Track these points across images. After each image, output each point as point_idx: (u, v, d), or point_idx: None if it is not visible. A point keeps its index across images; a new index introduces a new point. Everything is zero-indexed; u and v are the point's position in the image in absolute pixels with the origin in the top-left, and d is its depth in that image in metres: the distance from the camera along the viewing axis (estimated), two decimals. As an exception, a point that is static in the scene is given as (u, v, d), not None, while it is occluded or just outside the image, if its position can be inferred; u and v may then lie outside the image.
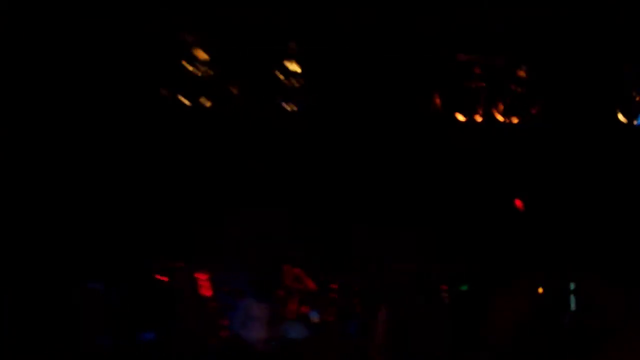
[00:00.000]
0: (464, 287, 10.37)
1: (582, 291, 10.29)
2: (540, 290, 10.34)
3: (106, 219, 10.18)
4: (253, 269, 10.21)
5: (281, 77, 10.10)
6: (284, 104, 10.17)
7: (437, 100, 10.33)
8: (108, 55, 9.96)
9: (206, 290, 10.08)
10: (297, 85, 10.12)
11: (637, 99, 10.25)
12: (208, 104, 10.05)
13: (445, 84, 10.29)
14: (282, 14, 9.60)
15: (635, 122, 10.30)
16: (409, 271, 10.42)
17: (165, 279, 9.99)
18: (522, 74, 10.23)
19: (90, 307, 9.74)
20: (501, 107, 10.31)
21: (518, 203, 10.61)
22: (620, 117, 10.29)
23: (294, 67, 10.16)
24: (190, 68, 10.03)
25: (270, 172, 10.63)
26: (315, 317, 10.06)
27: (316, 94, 10.22)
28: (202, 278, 10.08)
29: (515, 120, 10.32)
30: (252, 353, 9.36)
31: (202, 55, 10.07)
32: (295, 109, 10.16)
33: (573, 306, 10.28)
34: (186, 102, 10.07)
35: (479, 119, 10.31)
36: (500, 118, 10.32)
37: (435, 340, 9.88)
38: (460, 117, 10.32)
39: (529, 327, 10.01)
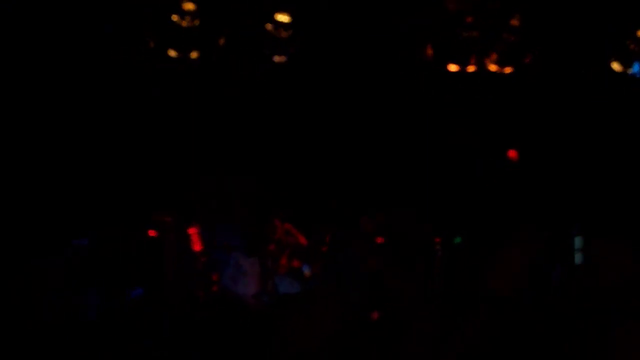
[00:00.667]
0: (458, 240, 10.19)
1: (585, 246, 10.08)
2: (539, 244, 10.13)
3: (91, 172, 9.96)
4: (243, 224, 10.02)
5: (269, 27, 9.89)
6: (272, 55, 9.97)
7: (429, 51, 10.17)
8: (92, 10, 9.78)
9: (196, 245, 9.86)
10: (285, 36, 9.92)
11: (632, 47, 10.11)
12: (195, 55, 9.84)
13: (436, 34, 10.12)
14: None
15: (629, 71, 10.17)
16: (401, 224, 10.23)
17: (153, 233, 9.77)
18: (515, 22, 10.06)
19: (76, 264, 9.53)
20: (494, 56, 10.15)
21: (512, 154, 10.44)
22: (615, 65, 10.15)
23: (282, 17, 9.96)
24: (177, 19, 9.82)
25: (260, 127, 10.43)
26: (307, 271, 9.88)
27: (305, 45, 10.03)
28: (192, 232, 9.86)
29: (508, 70, 10.16)
30: (242, 308, 9.22)
31: (188, 6, 9.86)
32: (283, 60, 9.96)
33: (576, 261, 10.05)
34: (173, 53, 9.87)
35: (471, 69, 10.15)
36: (493, 68, 10.15)
37: (427, 293, 9.72)
38: (453, 68, 10.15)
39: (528, 281, 9.83)
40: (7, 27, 9.44)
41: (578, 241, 9.86)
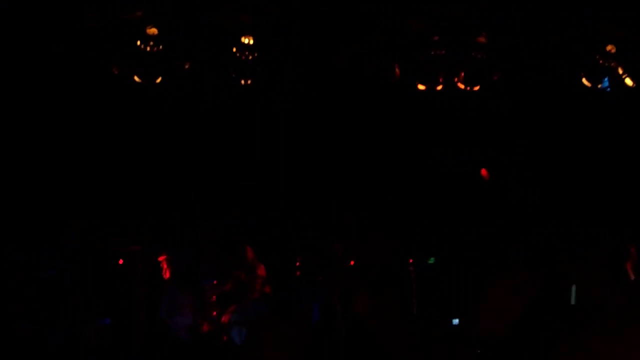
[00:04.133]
0: (431, 261, 10.08)
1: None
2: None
3: (56, 200, 9.85)
4: (211, 250, 9.93)
5: (234, 50, 9.79)
6: (238, 78, 9.86)
7: (397, 71, 10.06)
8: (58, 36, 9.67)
9: (165, 273, 9.75)
10: (251, 58, 9.82)
11: (601, 62, 10.02)
12: (158, 79, 9.73)
13: (404, 53, 10.02)
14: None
15: (599, 86, 10.08)
16: (375, 246, 10.13)
17: (120, 261, 9.66)
18: (482, 39, 9.97)
19: (43, 295, 9.41)
20: (462, 74, 10.05)
21: (483, 172, 10.36)
22: (584, 81, 10.06)
23: (248, 40, 9.86)
24: (140, 44, 9.71)
25: (227, 149, 10.34)
26: (279, 297, 9.74)
27: (271, 67, 9.93)
28: (161, 260, 9.75)
29: (476, 88, 10.06)
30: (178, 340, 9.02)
31: (152, 30, 9.75)
32: (249, 82, 9.85)
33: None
34: (137, 79, 9.76)
35: (439, 87, 10.05)
36: (461, 86, 10.06)
37: (401, 316, 9.58)
38: (421, 87, 10.05)
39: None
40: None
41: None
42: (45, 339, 9.18)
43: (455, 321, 9.44)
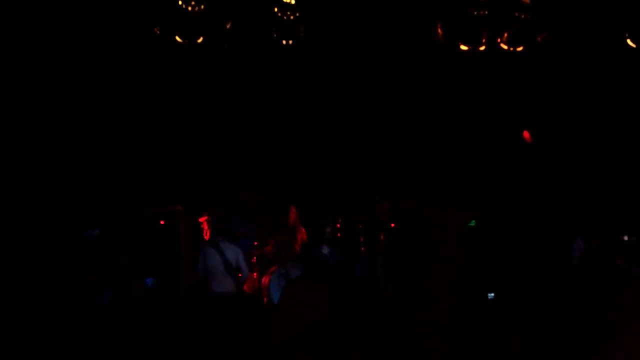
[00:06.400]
0: (472, 224, 10.02)
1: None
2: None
3: (101, 163, 9.88)
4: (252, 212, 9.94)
5: (276, 10, 9.70)
6: (279, 39, 9.79)
7: (440, 30, 9.95)
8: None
9: (204, 234, 9.77)
10: (292, 18, 9.73)
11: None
12: (200, 39, 9.67)
13: (447, 12, 9.89)
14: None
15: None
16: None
17: (162, 222, 9.71)
18: (526, 0, 9.82)
19: (87, 254, 9.46)
20: (505, 35, 9.92)
21: (526, 134, 10.27)
22: (629, 42, 9.90)
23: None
24: (182, 4, 9.64)
25: (268, 112, 10.30)
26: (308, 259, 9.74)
27: (313, 27, 9.84)
28: (202, 221, 9.77)
29: (520, 49, 9.93)
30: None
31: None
32: (290, 42, 9.77)
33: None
34: (179, 39, 9.70)
35: (482, 48, 9.92)
36: (504, 47, 9.93)
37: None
38: (464, 47, 9.93)
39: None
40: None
41: None
42: (94, 299, 9.25)
43: (491, 295, 9.32)
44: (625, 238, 9.92)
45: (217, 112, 10.36)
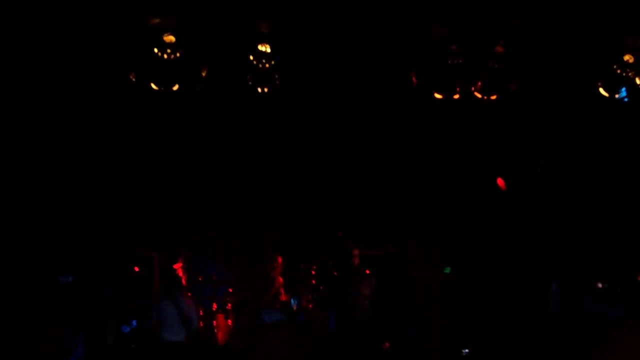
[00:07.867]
0: (447, 270, 10.11)
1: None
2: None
3: (76, 209, 9.88)
4: (229, 258, 9.95)
5: (251, 58, 9.76)
6: (255, 86, 9.83)
7: (414, 79, 10.03)
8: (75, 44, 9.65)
9: (182, 279, 9.79)
10: (268, 66, 9.78)
11: (618, 72, 9.97)
12: (176, 87, 9.70)
13: (421, 61, 9.97)
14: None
15: (617, 96, 10.04)
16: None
17: (136, 268, 9.70)
18: (499, 49, 9.92)
19: (62, 300, 9.45)
20: (479, 84, 10.01)
21: (500, 182, 10.34)
22: (602, 91, 10.01)
23: (265, 48, 9.83)
24: (158, 52, 9.68)
25: (243, 156, 10.34)
26: (295, 305, 9.80)
27: (288, 74, 9.90)
28: (177, 267, 9.79)
29: (494, 97, 10.02)
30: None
31: (169, 38, 9.73)
32: (266, 90, 9.82)
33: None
34: (154, 86, 9.74)
35: (456, 96, 10.01)
36: (478, 95, 10.01)
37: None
38: (438, 95, 10.01)
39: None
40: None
41: None
42: (66, 343, 9.21)
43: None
44: (599, 285, 10.01)
45: (191, 156, 10.38)
